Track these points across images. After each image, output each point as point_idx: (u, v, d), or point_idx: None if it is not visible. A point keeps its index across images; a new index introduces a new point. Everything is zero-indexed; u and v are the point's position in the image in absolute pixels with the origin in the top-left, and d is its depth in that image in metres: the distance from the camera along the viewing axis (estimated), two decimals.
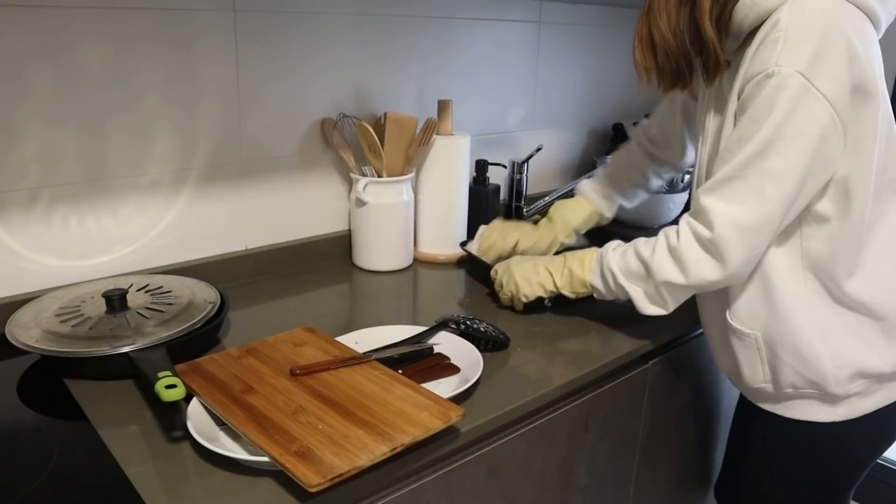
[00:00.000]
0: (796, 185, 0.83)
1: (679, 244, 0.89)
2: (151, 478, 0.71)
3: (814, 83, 0.79)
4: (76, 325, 0.91)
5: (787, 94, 0.80)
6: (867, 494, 2.01)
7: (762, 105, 0.82)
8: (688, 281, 0.90)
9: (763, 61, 0.82)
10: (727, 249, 0.86)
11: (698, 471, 1.41)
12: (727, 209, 0.85)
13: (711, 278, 0.88)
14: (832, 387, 0.92)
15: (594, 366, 0.98)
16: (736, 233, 0.85)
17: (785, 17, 0.82)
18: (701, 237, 0.87)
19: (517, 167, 1.64)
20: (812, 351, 0.91)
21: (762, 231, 0.85)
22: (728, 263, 0.86)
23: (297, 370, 0.85)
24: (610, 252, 1.00)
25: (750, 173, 0.84)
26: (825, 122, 0.81)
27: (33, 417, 0.82)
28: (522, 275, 1.09)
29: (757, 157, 0.83)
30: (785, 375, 0.94)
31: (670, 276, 0.91)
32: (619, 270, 0.98)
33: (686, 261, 0.89)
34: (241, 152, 1.22)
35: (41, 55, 0.98)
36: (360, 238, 1.33)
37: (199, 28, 1.11)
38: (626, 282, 0.98)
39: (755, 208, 0.84)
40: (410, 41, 1.41)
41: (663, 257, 0.92)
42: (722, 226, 0.85)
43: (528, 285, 1.09)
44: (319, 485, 0.65)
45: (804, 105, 0.80)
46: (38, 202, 1.03)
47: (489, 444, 0.89)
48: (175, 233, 1.18)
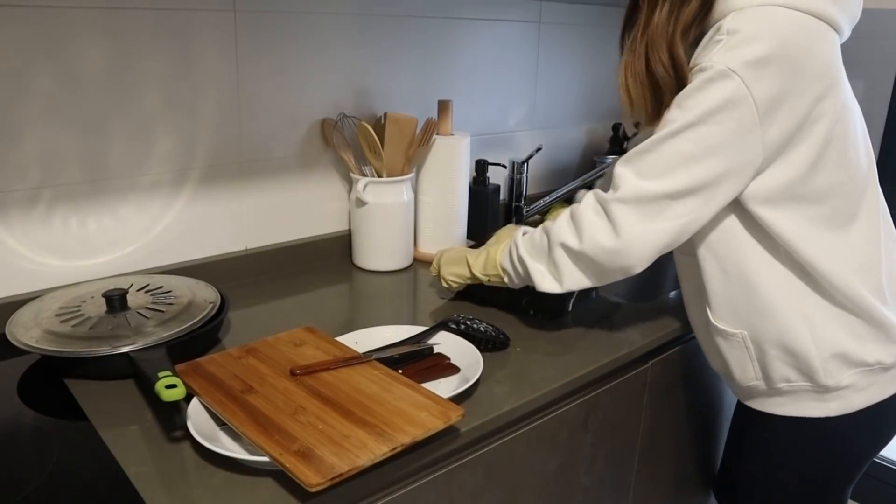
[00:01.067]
0: (706, 172, 0.84)
1: (579, 208, 0.90)
2: (151, 478, 0.71)
3: (744, 81, 0.81)
4: (76, 325, 0.91)
5: (714, 86, 0.82)
6: (867, 494, 2.01)
7: (689, 94, 0.84)
8: (581, 245, 0.90)
9: (704, 55, 0.85)
10: (622, 216, 0.86)
11: (698, 471, 1.41)
12: (634, 179, 0.86)
13: (604, 243, 0.88)
14: (822, 378, 0.93)
15: (594, 366, 0.98)
16: (635, 202, 0.86)
17: (728, 22, 0.84)
18: (602, 199, 0.88)
19: (517, 167, 1.64)
20: (798, 342, 0.93)
21: (664, 210, 0.86)
22: (621, 231, 0.87)
23: (298, 370, 0.85)
24: (520, 233, 1.01)
25: (663, 149, 0.85)
26: (746, 119, 0.82)
27: (33, 417, 0.82)
28: (447, 260, 1.13)
29: (673, 136, 0.85)
30: (776, 370, 0.95)
31: (566, 238, 0.91)
32: (524, 247, 0.98)
33: (582, 223, 0.89)
34: (241, 152, 1.22)
35: (41, 55, 0.98)
36: (360, 238, 1.33)
37: (199, 28, 1.11)
38: (528, 258, 0.97)
39: (660, 184, 0.85)
40: (410, 41, 1.41)
41: (563, 222, 0.93)
42: (625, 191, 0.86)
43: (449, 268, 1.12)
44: (319, 485, 0.65)
45: (728, 100, 0.82)
46: (38, 202, 1.03)
47: (489, 444, 0.89)
48: (175, 233, 1.18)
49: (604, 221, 0.88)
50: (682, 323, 1.14)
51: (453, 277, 1.12)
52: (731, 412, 1.42)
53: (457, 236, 1.41)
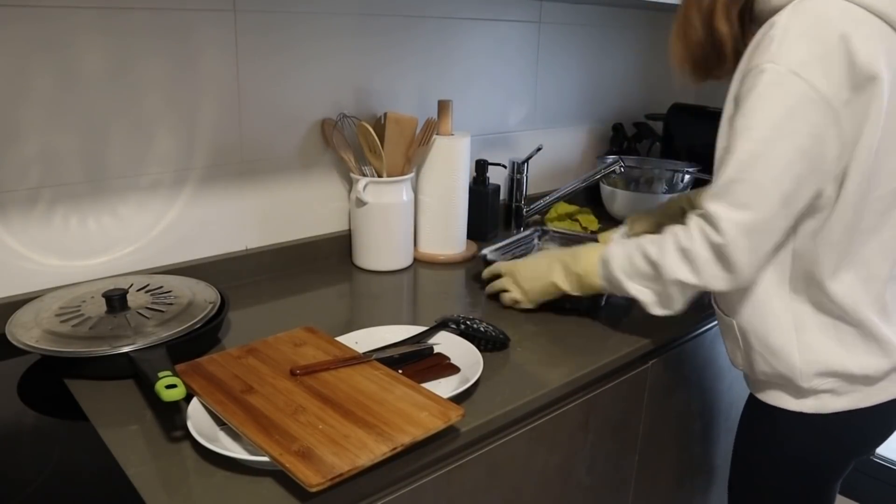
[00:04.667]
0: (794, 182, 0.83)
1: (692, 245, 0.89)
2: (151, 478, 0.71)
3: (809, 81, 0.80)
4: (76, 325, 0.91)
5: (780, 91, 0.81)
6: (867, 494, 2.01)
7: (756, 103, 0.83)
8: (699, 281, 0.90)
9: (758, 57, 0.83)
10: (737, 254, 0.86)
11: (698, 470, 1.41)
12: (733, 214, 0.85)
13: (721, 283, 0.89)
14: (799, 380, 0.93)
15: (594, 366, 0.98)
16: (744, 237, 0.85)
17: (783, 18, 0.83)
18: (713, 242, 0.87)
19: (517, 167, 1.64)
20: (782, 344, 0.93)
21: (768, 231, 0.86)
22: (738, 267, 0.87)
23: (298, 370, 0.85)
24: (613, 257, 0.99)
25: (749, 175, 0.84)
26: (820, 120, 0.81)
27: (33, 417, 0.82)
28: (529, 283, 1.10)
29: (758, 157, 0.83)
30: (757, 364, 0.97)
31: (682, 276, 0.91)
32: (625, 274, 0.97)
33: (698, 261, 0.89)
34: (241, 152, 1.22)
35: (41, 55, 0.98)
36: (360, 238, 1.33)
37: (199, 28, 1.11)
38: (634, 284, 0.97)
39: (758, 210, 0.84)
40: (410, 41, 1.41)
41: (674, 258, 0.91)
42: (730, 231, 0.85)
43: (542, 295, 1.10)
44: (319, 485, 0.65)
45: (800, 104, 0.80)
46: (38, 202, 1.03)
47: (489, 444, 0.89)
48: (175, 233, 1.18)
49: (720, 261, 0.88)
50: (683, 323, 1.14)
51: (541, 297, 1.11)
52: (731, 412, 1.42)
53: (457, 236, 1.41)
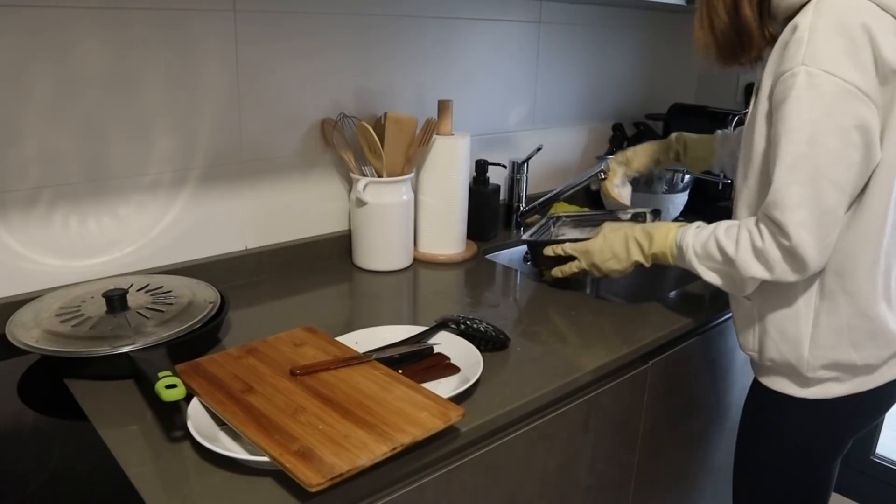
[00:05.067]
0: (843, 173, 0.87)
1: (765, 246, 0.92)
2: (151, 478, 0.71)
3: (842, 77, 0.83)
4: (76, 325, 0.91)
5: (816, 92, 0.84)
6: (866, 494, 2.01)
7: (794, 105, 0.86)
8: (773, 276, 0.93)
9: (789, 60, 0.86)
10: (805, 252, 0.89)
11: (698, 470, 1.41)
12: (794, 217, 0.88)
13: (794, 277, 0.92)
14: (804, 370, 0.99)
15: (594, 366, 0.98)
16: (810, 236, 0.88)
17: (808, 18, 0.86)
18: (782, 245, 0.90)
19: (517, 167, 1.64)
20: (796, 334, 0.98)
21: (828, 224, 0.89)
22: (808, 263, 0.90)
23: (298, 370, 0.85)
24: (689, 246, 1.03)
25: (801, 176, 0.87)
26: (862, 112, 0.84)
27: (33, 417, 0.82)
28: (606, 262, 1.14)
29: (803, 158, 0.86)
30: (768, 349, 1.02)
31: (756, 273, 0.94)
32: (699, 261, 1.02)
33: (771, 260, 0.92)
34: (241, 152, 1.22)
35: (41, 55, 0.98)
36: (360, 238, 1.33)
37: (199, 28, 1.11)
38: (708, 272, 1.01)
39: (817, 207, 0.87)
40: (410, 41, 1.41)
41: (748, 256, 0.94)
42: (796, 234, 0.88)
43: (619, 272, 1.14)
44: (319, 484, 0.65)
45: (838, 100, 0.84)
46: (38, 202, 1.03)
47: (489, 444, 0.89)
48: (175, 233, 1.18)
49: (791, 260, 0.91)
50: (683, 323, 1.14)
51: (616, 274, 1.15)
52: (731, 411, 1.42)
53: (457, 236, 1.41)
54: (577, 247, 1.18)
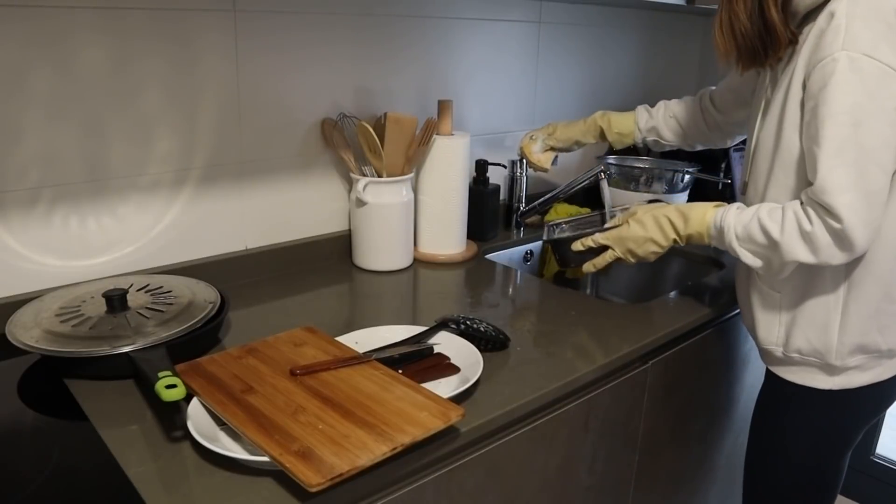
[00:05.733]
0: (890, 155, 0.88)
1: (813, 229, 0.91)
2: (151, 478, 0.71)
3: (882, 60, 0.85)
4: (76, 325, 0.91)
5: (858, 76, 0.85)
6: (867, 494, 2.01)
7: (836, 89, 0.87)
8: (818, 260, 0.93)
9: (827, 47, 0.88)
10: (856, 235, 0.89)
11: (698, 470, 1.41)
12: (843, 200, 0.88)
13: (842, 260, 0.92)
14: (833, 358, 1.01)
15: (594, 366, 0.98)
16: (859, 218, 0.89)
17: (843, 7, 0.88)
18: (832, 228, 0.90)
19: (517, 167, 1.64)
20: (826, 323, 1.00)
21: (876, 205, 0.90)
22: (856, 246, 0.90)
23: (298, 370, 0.85)
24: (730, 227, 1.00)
25: (848, 159, 0.87)
26: None
27: (33, 417, 0.82)
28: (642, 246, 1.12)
29: (848, 140, 0.87)
30: (795, 340, 1.03)
31: (801, 256, 0.94)
32: (738, 242, 1.00)
33: (819, 244, 0.92)
34: (241, 152, 1.22)
35: (41, 55, 0.98)
36: (360, 238, 1.33)
37: (199, 28, 1.11)
38: (747, 253, 1.00)
39: (865, 189, 0.88)
40: (410, 41, 1.41)
41: (795, 239, 0.94)
42: (848, 217, 0.88)
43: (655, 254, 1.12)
44: (319, 484, 0.65)
45: (879, 83, 0.85)
46: (38, 202, 1.03)
47: (489, 444, 0.89)
48: (175, 233, 1.18)
49: (840, 243, 0.91)
50: (682, 323, 1.14)
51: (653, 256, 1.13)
52: (731, 411, 1.42)
53: (457, 236, 1.41)
54: (610, 235, 1.14)
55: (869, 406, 1.06)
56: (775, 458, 1.12)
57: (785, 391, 1.08)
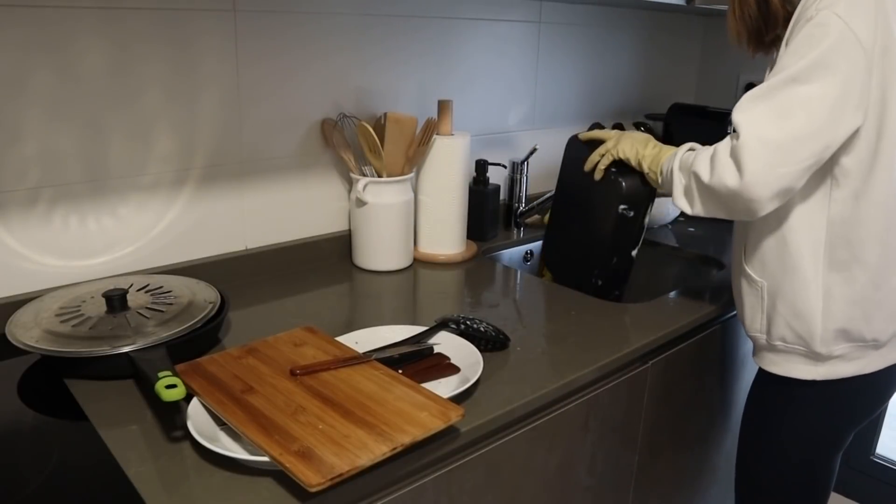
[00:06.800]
0: (825, 114, 0.87)
1: (717, 148, 0.95)
2: (151, 478, 0.71)
3: (850, 26, 0.86)
4: (76, 325, 0.91)
5: (824, 31, 0.86)
6: (866, 494, 2.01)
7: (801, 42, 0.88)
8: (710, 181, 0.95)
9: (807, 9, 0.90)
10: (747, 157, 0.89)
11: (698, 470, 1.41)
12: (754, 123, 0.89)
13: (728, 183, 0.92)
14: (817, 345, 1.00)
15: (594, 366, 0.98)
16: (758, 144, 0.88)
17: None
18: (732, 146, 0.92)
19: (517, 167, 1.64)
20: (808, 309, 0.99)
21: (788, 151, 0.88)
22: (745, 172, 0.90)
23: (298, 370, 0.85)
24: (685, 148, 1.07)
25: (779, 94, 0.89)
26: (858, 62, 0.86)
27: (33, 417, 0.82)
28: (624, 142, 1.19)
29: (788, 81, 0.88)
30: (777, 327, 1.03)
31: (700, 169, 0.97)
32: (679, 160, 1.04)
33: (716, 162, 0.94)
34: (241, 152, 1.22)
35: (41, 55, 0.98)
36: (360, 238, 1.33)
37: (199, 28, 1.11)
38: (677, 171, 1.04)
39: (780, 126, 0.88)
40: (410, 41, 1.41)
41: (705, 155, 0.97)
42: (746, 135, 0.89)
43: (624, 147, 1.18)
44: (319, 484, 0.65)
45: (840, 43, 0.86)
46: (38, 202, 1.03)
47: (489, 444, 0.89)
48: (175, 233, 1.18)
49: (731, 163, 0.92)
50: (683, 323, 1.14)
51: (621, 155, 1.18)
52: (731, 411, 1.42)
53: (457, 236, 1.41)
54: (611, 132, 1.24)
55: (857, 402, 1.05)
56: (764, 456, 1.12)
57: (770, 386, 1.09)
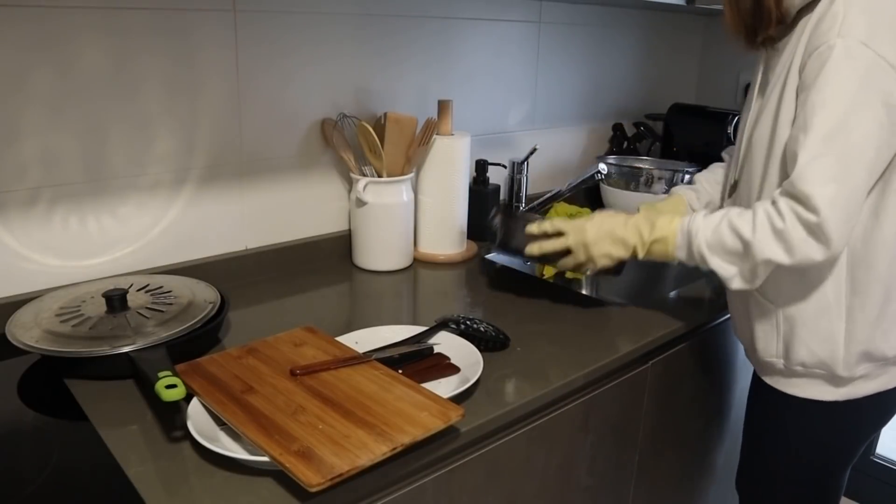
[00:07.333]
0: (873, 152, 0.84)
1: (786, 226, 0.87)
2: (151, 478, 0.71)
3: (878, 51, 0.82)
4: (76, 325, 0.91)
5: (853, 64, 0.82)
6: (867, 494, 2.01)
7: (829, 77, 0.84)
8: (793, 261, 0.88)
9: (824, 34, 0.85)
10: (832, 230, 0.85)
11: (698, 470, 1.41)
12: (825, 191, 0.84)
13: (817, 258, 0.88)
14: (840, 369, 0.96)
15: (594, 366, 0.98)
16: (838, 212, 0.85)
17: None
18: (808, 222, 0.86)
19: (517, 167, 1.64)
20: (830, 333, 0.95)
21: (855, 203, 0.86)
22: (832, 242, 0.86)
23: (298, 370, 0.85)
24: (700, 230, 0.95)
25: (835, 149, 0.84)
26: (892, 88, 0.83)
27: (33, 417, 0.82)
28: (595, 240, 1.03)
29: (838, 131, 0.84)
30: (796, 353, 0.98)
31: (775, 256, 0.89)
32: (709, 248, 0.94)
33: (793, 241, 0.87)
34: (241, 152, 1.22)
35: (41, 55, 0.98)
36: (360, 238, 1.33)
37: (199, 28, 1.11)
38: (717, 259, 0.94)
39: (848, 184, 0.85)
40: (410, 41, 1.41)
41: (767, 237, 0.89)
42: (826, 208, 0.84)
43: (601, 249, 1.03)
44: (319, 484, 0.65)
45: (871, 73, 0.82)
46: (38, 202, 1.03)
47: (489, 444, 0.89)
48: (175, 233, 1.18)
49: (815, 238, 0.87)
50: (682, 323, 1.14)
51: (606, 260, 1.04)
52: (731, 412, 1.42)
53: (457, 236, 1.41)
54: (571, 223, 1.05)
55: (873, 416, 1.02)
56: (773, 472, 1.09)
57: (782, 403, 1.04)
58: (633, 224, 1.02)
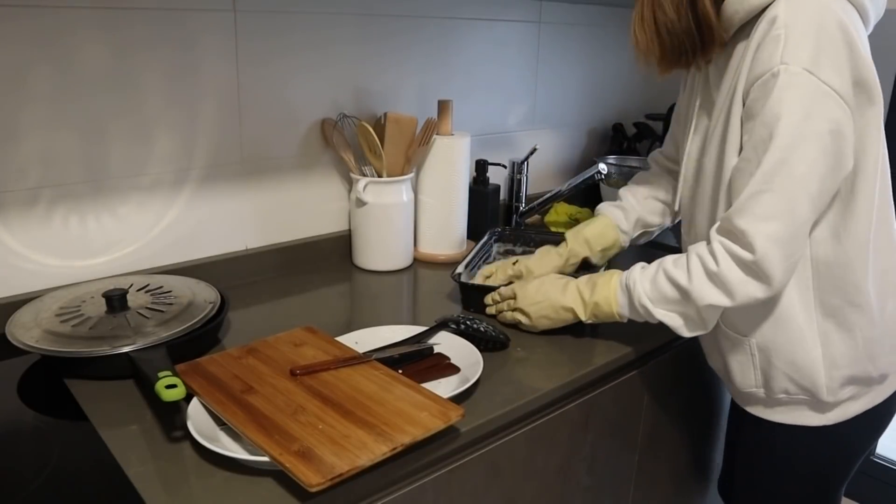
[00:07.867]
0: (818, 184, 0.81)
1: (719, 269, 0.85)
2: (151, 478, 0.71)
3: (822, 78, 0.78)
4: (76, 325, 0.91)
5: (796, 93, 0.79)
6: (867, 494, 2.01)
7: (773, 108, 0.80)
8: (735, 302, 0.86)
9: (766, 60, 0.80)
10: (771, 268, 0.82)
11: (698, 470, 1.41)
12: (764, 228, 0.81)
13: (758, 296, 0.85)
14: (824, 395, 0.93)
15: (594, 366, 0.98)
16: (777, 249, 0.82)
17: (782, 13, 0.80)
18: (742, 260, 0.83)
19: (517, 167, 1.64)
20: (808, 360, 0.92)
21: (798, 237, 0.83)
22: (773, 280, 0.83)
23: (298, 370, 0.85)
24: (637, 283, 0.94)
25: (777, 184, 0.81)
26: (838, 116, 0.79)
27: (33, 417, 0.82)
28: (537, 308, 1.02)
29: (781, 164, 0.80)
30: (777, 381, 0.94)
31: (715, 300, 0.86)
32: (651, 301, 0.92)
33: (730, 283, 0.85)
34: (241, 152, 1.22)
35: (41, 55, 0.98)
36: (360, 238, 1.33)
37: (199, 28, 1.11)
38: (662, 310, 0.92)
39: (789, 219, 0.81)
40: (410, 41, 1.41)
41: (703, 283, 0.87)
42: (763, 246, 0.81)
43: (548, 320, 1.03)
44: (319, 484, 0.65)
45: (816, 102, 0.79)
46: (38, 202, 1.03)
47: (489, 444, 0.89)
48: (175, 233, 1.18)
49: (754, 277, 0.84)
50: None
51: (546, 322, 1.03)
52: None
53: (457, 236, 1.41)
54: (512, 287, 1.07)
55: (863, 434, 0.99)
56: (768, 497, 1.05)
57: (767, 430, 1.00)
58: (573, 287, 1.01)
